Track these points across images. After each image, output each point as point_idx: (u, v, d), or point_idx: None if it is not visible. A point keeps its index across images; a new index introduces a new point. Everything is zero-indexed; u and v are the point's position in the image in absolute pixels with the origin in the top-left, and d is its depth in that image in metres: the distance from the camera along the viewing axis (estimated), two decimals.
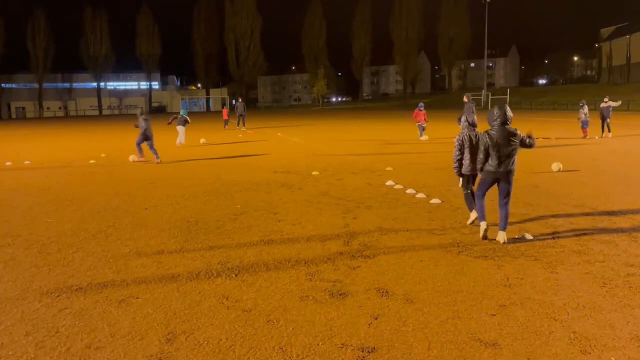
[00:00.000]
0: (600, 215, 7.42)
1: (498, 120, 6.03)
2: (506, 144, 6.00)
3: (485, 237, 6.20)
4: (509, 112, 6.11)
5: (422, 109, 20.68)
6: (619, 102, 21.14)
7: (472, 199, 6.98)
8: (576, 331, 3.85)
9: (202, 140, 21.79)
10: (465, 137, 6.87)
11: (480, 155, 6.14)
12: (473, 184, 7.02)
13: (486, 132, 6.12)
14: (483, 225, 6.24)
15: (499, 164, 6.03)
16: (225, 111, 34.35)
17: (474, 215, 6.95)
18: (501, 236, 6.13)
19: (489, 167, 6.11)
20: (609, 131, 20.21)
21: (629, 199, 8.56)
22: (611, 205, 8.01)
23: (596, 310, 4.20)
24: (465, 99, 18.45)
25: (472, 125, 6.89)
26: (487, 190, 6.31)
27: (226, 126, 32.93)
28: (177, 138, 21.28)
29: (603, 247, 5.87)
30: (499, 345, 3.65)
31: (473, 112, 16.01)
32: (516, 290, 4.68)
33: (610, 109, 20.12)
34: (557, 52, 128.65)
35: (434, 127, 29.33)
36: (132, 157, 16.01)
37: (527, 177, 10.81)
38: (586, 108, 19.64)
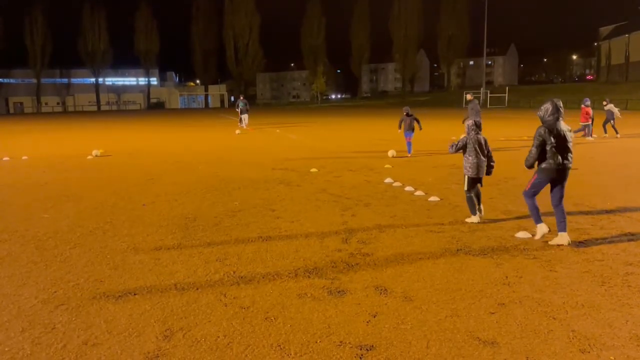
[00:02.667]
0: (599, 213, 7.41)
1: (554, 115, 5.77)
2: (564, 139, 5.78)
3: (544, 240, 5.94)
4: (562, 107, 5.86)
5: (588, 104, 18.47)
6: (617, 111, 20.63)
7: (474, 202, 6.99)
8: (575, 330, 3.84)
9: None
10: (472, 139, 6.89)
11: (534, 150, 5.83)
12: (475, 187, 6.99)
13: (542, 126, 5.83)
14: (542, 228, 5.95)
15: (559, 160, 5.76)
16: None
17: (475, 218, 6.99)
18: (564, 238, 5.88)
19: (548, 165, 5.80)
20: (605, 132, 20.30)
21: (628, 197, 8.55)
22: (610, 204, 8.00)
23: (595, 309, 4.19)
24: (469, 97, 17.24)
25: (479, 127, 6.96)
26: (540, 190, 5.98)
27: (241, 123, 32.78)
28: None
29: (602, 246, 5.86)
30: (498, 344, 3.64)
31: (478, 112, 15.59)
32: (515, 288, 4.67)
33: (612, 112, 20.10)
34: (556, 51, 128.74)
35: (434, 126, 29.31)
36: None
37: (526, 174, 10.78)
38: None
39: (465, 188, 6.99)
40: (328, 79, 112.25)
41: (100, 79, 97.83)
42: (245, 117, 29.69)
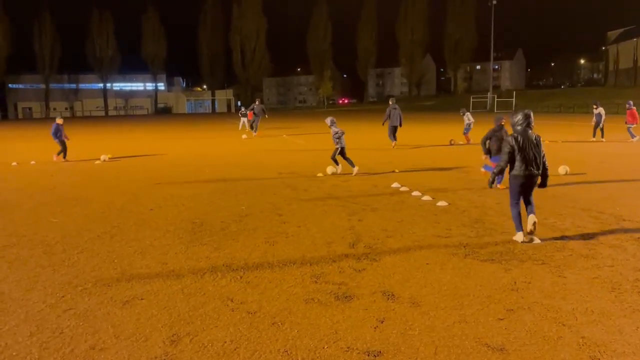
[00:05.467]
0: (608, 219, 7.35)
1: (523, 124, 6.09)
2: (531, 147, 6.04)
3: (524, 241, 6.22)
4: (532, 116, 6.21)
5: (632, 106, 19.53)
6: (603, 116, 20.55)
7: (336, 161, 12.27)
8: (585, 336, 3.80)
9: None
10: (338, 131, 12.05)
11: (504, 157, 6.11)
12: (343, 154, 12.07)
13: (511, 135, 6.14)
14: (520, 236, 6.19)
15: (526, 167, 6.04)
16: (250, 113, 33.67)
17: (339, 169, 12.30)
18: (532, 219, 6.09)
19: (516, 172, 6.09)
20: (602, 136, 20.18)
21: (637, 202, 8.47)
22: (619, 209, 7.93)
23: (605, 316, 4.15)
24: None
25: (334, 123, 12.16)
26: (520, 197, 6.24)
27: (250, 128, 32.59)
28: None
29: (611, 252, 5.81)
30: (507, 351, 3.61)
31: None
32: (523, 294, 4.63)
33: (602, 116, 20.01)
34: (563, 55, 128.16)
35: (438, 130, 29.26)
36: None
37: None
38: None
39: (332, 156, 12.25)
40: (334, 84, 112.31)
41: (108, 84, 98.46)
42: (244, 120, 30.44)
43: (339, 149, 12.09)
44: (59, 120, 16.33)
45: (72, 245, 6.54)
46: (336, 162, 12.36)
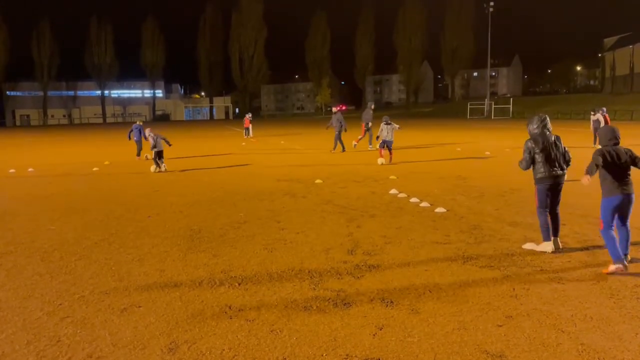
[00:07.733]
0: None
1: (539, 127, 6.15)
2: (552, 148, 6.08)
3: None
4: (548, 119, 6.29)
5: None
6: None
7: (158, 163, 14.69)
8: (584, 343, 3.79)
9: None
10: (152, 141, 14.73)
11: (526, 157, 6.19)
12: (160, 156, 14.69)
13: (529, 139, 6.19)
14: (547, 246, 6.09)
15: (551, 167, 6.07)
16: (247, 120, 31.53)
17: (156, 167, 14.69)
18: (556, 242, 6.15)
19: (542, 174, 6.09)
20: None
21: (635, 209, 8.47)
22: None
23: (604, 322, 4.14)
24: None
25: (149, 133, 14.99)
26: (547, 204, 6.19)
27: (247, 135, 31.20)
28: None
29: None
30: (506, 357, 3.60)
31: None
32: (522, 301, 4.62)
33: (600, 122, 20.18)
34: (560, 62, 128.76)
35: (440, 135, 29.31)
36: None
37: (532, 186, 10.71)
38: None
39: (154, 158, 14.68)
40: (332, 91, 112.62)
41: (106, 92, 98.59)
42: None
43: (156, 152, 14.74)
44: (141, 122, 19.01)
45: (70, 252, 6.52)
46: (157, 164, 14.85)
